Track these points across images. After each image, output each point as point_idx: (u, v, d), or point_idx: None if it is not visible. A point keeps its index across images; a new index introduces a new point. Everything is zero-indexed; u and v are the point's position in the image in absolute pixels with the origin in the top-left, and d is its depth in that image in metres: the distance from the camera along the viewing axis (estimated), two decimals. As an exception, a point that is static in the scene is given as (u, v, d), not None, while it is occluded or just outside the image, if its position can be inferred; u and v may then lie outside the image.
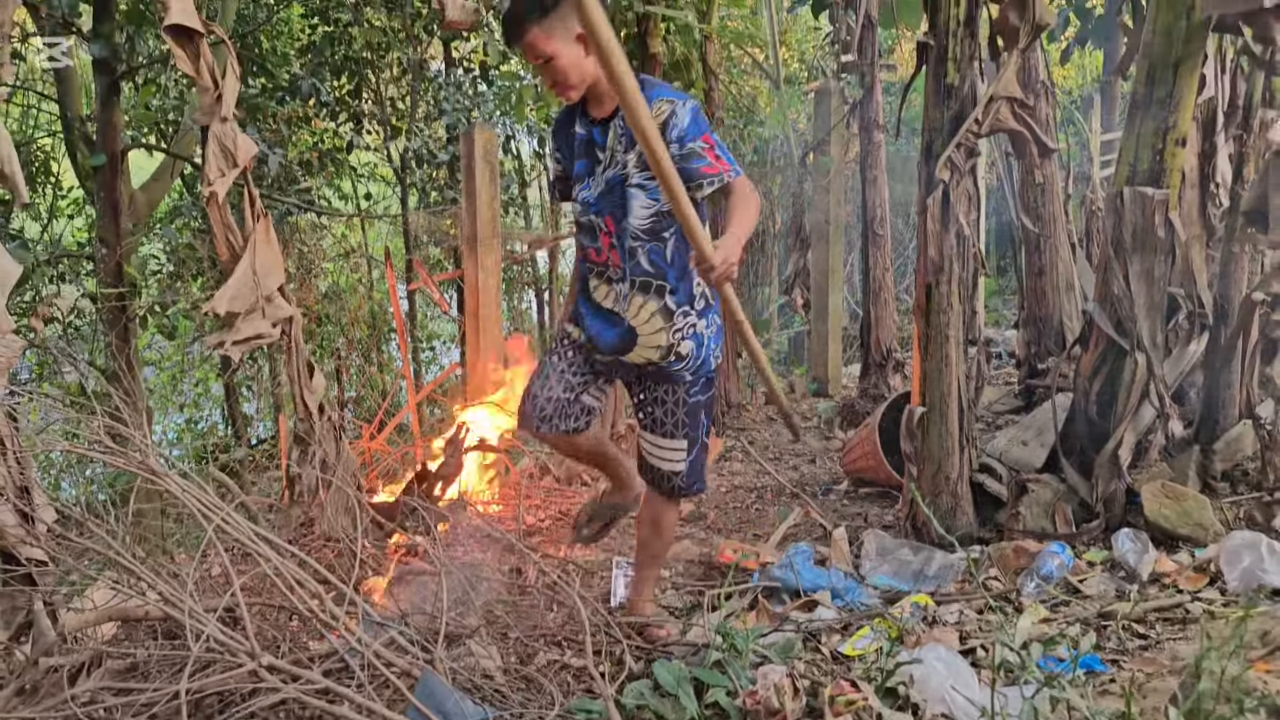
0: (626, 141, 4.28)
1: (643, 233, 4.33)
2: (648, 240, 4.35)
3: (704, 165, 4.21)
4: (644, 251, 4.36)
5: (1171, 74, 5.44)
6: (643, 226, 4.33)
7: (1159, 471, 5.64)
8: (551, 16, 4.13)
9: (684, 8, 9.26)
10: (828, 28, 12.21)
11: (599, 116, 4.39)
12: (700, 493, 4.89)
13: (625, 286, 4.42)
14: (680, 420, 4.62)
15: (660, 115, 4.17)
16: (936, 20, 5.67)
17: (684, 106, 4.23)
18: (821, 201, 11.27)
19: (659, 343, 4.46)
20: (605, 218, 4.37)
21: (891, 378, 10.09)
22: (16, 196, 3.68)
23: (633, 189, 4.29)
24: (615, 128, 4.32)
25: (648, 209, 4.32)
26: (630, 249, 4.35)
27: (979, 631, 4.46)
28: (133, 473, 4.15)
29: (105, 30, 8.53)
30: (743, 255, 4.17)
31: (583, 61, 4.21)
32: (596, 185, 4.39)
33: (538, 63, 4.21)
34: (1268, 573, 4.47)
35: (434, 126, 12.27)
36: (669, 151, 3.95)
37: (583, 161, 4.43)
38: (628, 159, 4.29)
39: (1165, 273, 5.49)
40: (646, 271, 4.39)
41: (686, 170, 4.14)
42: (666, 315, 4.43)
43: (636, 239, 4.34)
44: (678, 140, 4.17)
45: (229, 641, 3.48)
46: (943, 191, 5.66)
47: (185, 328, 11.21)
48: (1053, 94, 8.64)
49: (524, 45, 4.19)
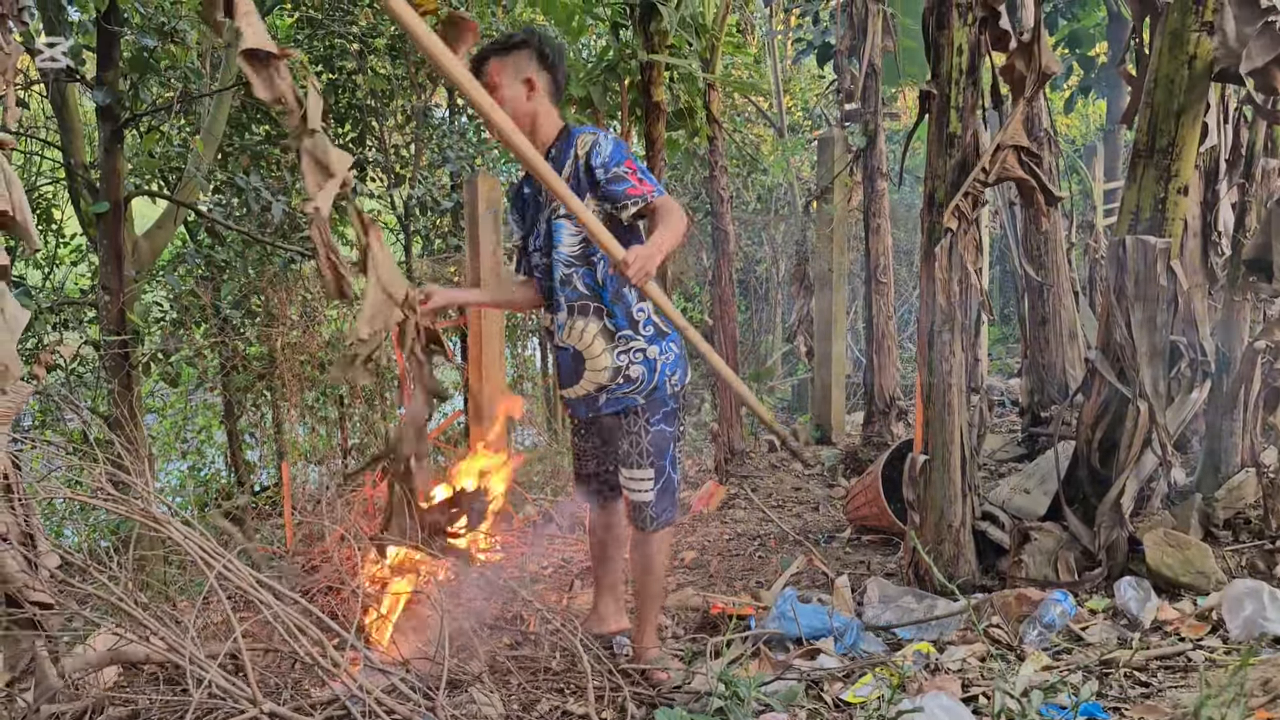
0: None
1: (574, 258, 4.66)
2: (579, 265, 4.66)
3: (628, 187, 4.51)
4: (577, 276, 4.67)
5: (1174, 123, 5.46)
6: (573, 253, 4.65)
7: (1161, 520, 5.63)
8: (509, 55, 4.63)
9: (688, 56, 9.31)
10: (831, 76, 12.26)
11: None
12: (670, 523, 5.00)
13: (564, 314, 4.71)
14: (645, 449, 4.79)
15: (584, 146, 4.59)
16: (939, 70, 5.70)
17: (605, 137, 4.61)
18: (825, 249, 11.29)
19: (605, 364, 4.70)
20: (545, 257, 4.75)
21: (894, 425, 10.08)
22: (28, 244, 3.70)
23: (560, 220, 4.65)
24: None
25: (575, 236, 4.64)
26: (565, 276, 4.67)
27: (981, 679, 4.44)
28: (134, 520, 4.15)
29: (109, 77, 8.58)
30: (663, 263, 4.46)
31: (522, 101, 4.64)
32: (539, 232, 4.79)
33: (489, 92, 4.44)
34: (1270, 621, 4.46)
35: (438, 174, 12.31)
36: (597, 177, 4.50)
37: (531, 212, 4.87)
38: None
39: (1167, 321, 5.49)
40: (581, 294, 4.67)
41: (612, 193, 4.53)
42: (608, 337, 4.68)
43: (569, 265, 4.66)
44: (601, 166, 4.54)
45: (231, 688, 3.47)
46: (949, 240, 5.67)
47: (188, 375, 11.20)
48: (1056, 143, 8.66)
49: (481, 72, 4.58)
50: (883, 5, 9.52)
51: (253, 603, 4.15)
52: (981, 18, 5.60)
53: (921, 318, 5.90)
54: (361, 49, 11.21)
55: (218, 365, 11.27)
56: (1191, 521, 5.59)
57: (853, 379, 14.41)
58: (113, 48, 8.58)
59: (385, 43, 11.29)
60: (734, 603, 5.89)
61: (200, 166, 9.84)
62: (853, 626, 5.22)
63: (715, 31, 9.72)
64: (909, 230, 17.07)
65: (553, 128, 4.74)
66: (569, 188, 4.45)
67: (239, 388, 11.28)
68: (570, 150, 4.62)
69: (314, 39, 11.28)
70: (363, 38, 11.18)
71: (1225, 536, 5.61)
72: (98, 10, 8.14)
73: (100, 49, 8.59)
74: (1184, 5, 5.40)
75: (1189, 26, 5.38)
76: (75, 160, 9.49)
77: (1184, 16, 5.41)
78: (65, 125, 9.56)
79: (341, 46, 11.20)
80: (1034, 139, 8.28)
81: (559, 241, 4.65)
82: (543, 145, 4.66)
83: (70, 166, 9.57)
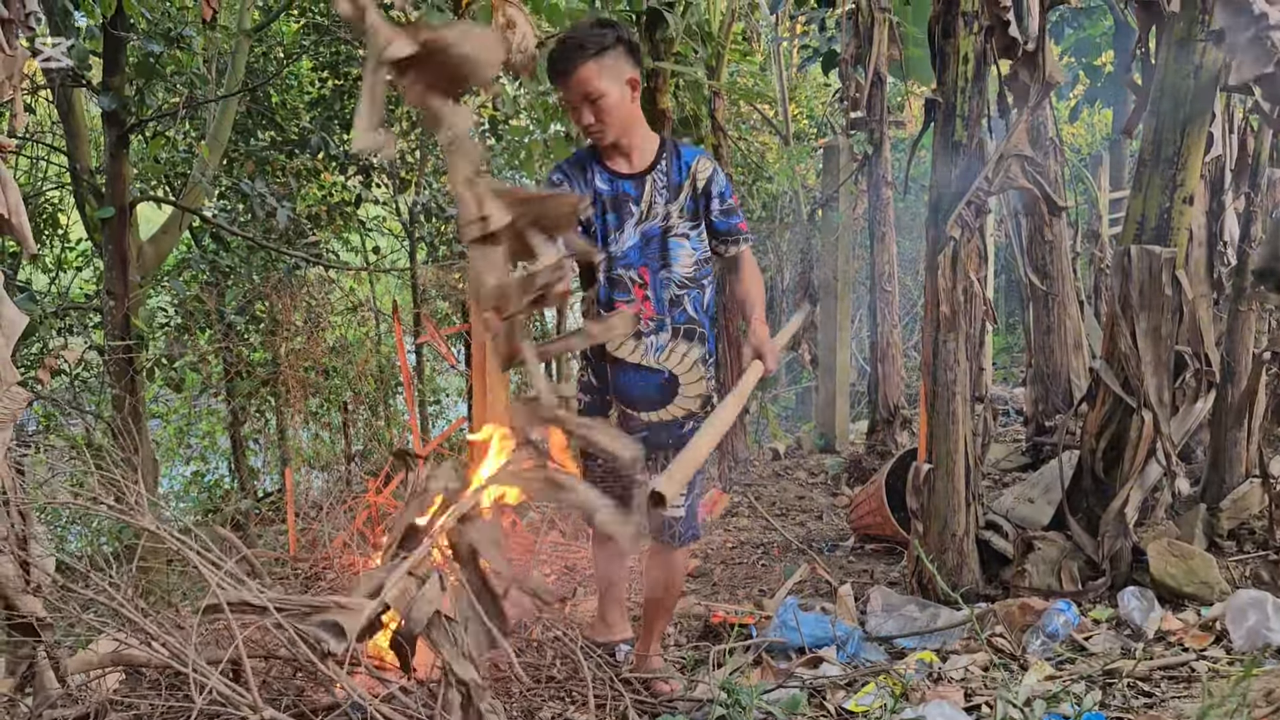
0: (668, 194, 4.42)
1: (688, 280, 4.47)
2: (690, 287, 4.48)
3: (739, 221, 4.50)
4: (688, 299, 4.49)
5: (1179, 132, 5.45)
6: (688, 274, 4.46)
7: (1165, 529, 5.63)
8: (607, 55, 4.22)
9: (693, 64, 9.31)
10: (837, 85, 12.24)
11: (628, 171, 4.46)
12: (695, 539, 4.93)
13: (665, 336, 4.49)
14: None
15: (704, 172, 4.44)
16: (945, 78, 5.70)
17: (715, 165, 4.47)
18: (829, 257, 11.28)
19: (699, 390, 4.57)
20: (639, 269, 4.46)
21: (899, 434, 10.06)
22: (24, 247, 3.69)
23: (677, 239, 4.44)
24: (653, 180, 4.43)
25: (692, 257, 4.47)
26: (675, 297, 4.47)
27: (984, 688, 4.44)
28: (133, 527, 4.14)
29: (115, 83, 8.58)
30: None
31: (627, 105, 4.33)
32: (627, 238, 4.46)
33: (579, 100, 4.27)
34: (1273, 631, 4.45)
35: (443, 180, 12.30)
36: (713, 207, 4.41)
37: (611, 215, 4.47)
38: (670, 210, 4.42)
39: (1172, 331, 5.48)
40: (690, 318, 4.51)
41: (729, 225, 4.47)
42: (705, 363, 4.56)
43: (683, 286, 4.47)
44: (719, 196, 4.45)
45: (232, 695, 3.46)
46: (953, 248, 5.67)
47: (192, 380, 11.21)
48: (1061, 151, 8.66)
49: (573, 80, 4.24)
50: (889, 14, 9.51)
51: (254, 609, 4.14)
52: (987, 26, 5.60)
53: (925, 326, 5.90)
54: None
55: (222, 371, 11.29)
56: (1195, 532, 5.59)
57: (857, 387, 14.39)
58: (119, 53, 8.59)
59: (392, 49, 11.29)
60: (736, 611, 5.88)
61: (205, 172, 9.85)
62: (855, 635, 5.21)
63: (721, 39, 9.73)
64: (914, 239, 17.05)
65: (650, 137, 4.51)
66: (687, 207, 4.43)
67: (243, 393, 11.29)
68: (682, 169, 4.44)
69: (320, 45, 11.29)
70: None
71: (1229, 547, 5.61)
72: (104, 16, 8.14)
73: (106, 54, 8.60)
74: (1190, 15, 5.40)
75: (1195, 36, 5.37)
76: (81, 165, 9.49)
77: (1190, 26, 5.40)
78: (71, 130, 9.57)
79: (348, 52, 11.21)
80: (1040, 148, 8.28)
81: (675, 260, 4.45)
82: (644, 156, 4.46)
83: (76, 171, 9.57)
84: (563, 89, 4.33)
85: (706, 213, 4.47)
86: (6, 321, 3.60)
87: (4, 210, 3.50)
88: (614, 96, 4.26)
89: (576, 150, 4.66)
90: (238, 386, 11.19)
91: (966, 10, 5.59)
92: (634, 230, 4.45)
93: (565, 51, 4.25)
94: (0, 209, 3.49)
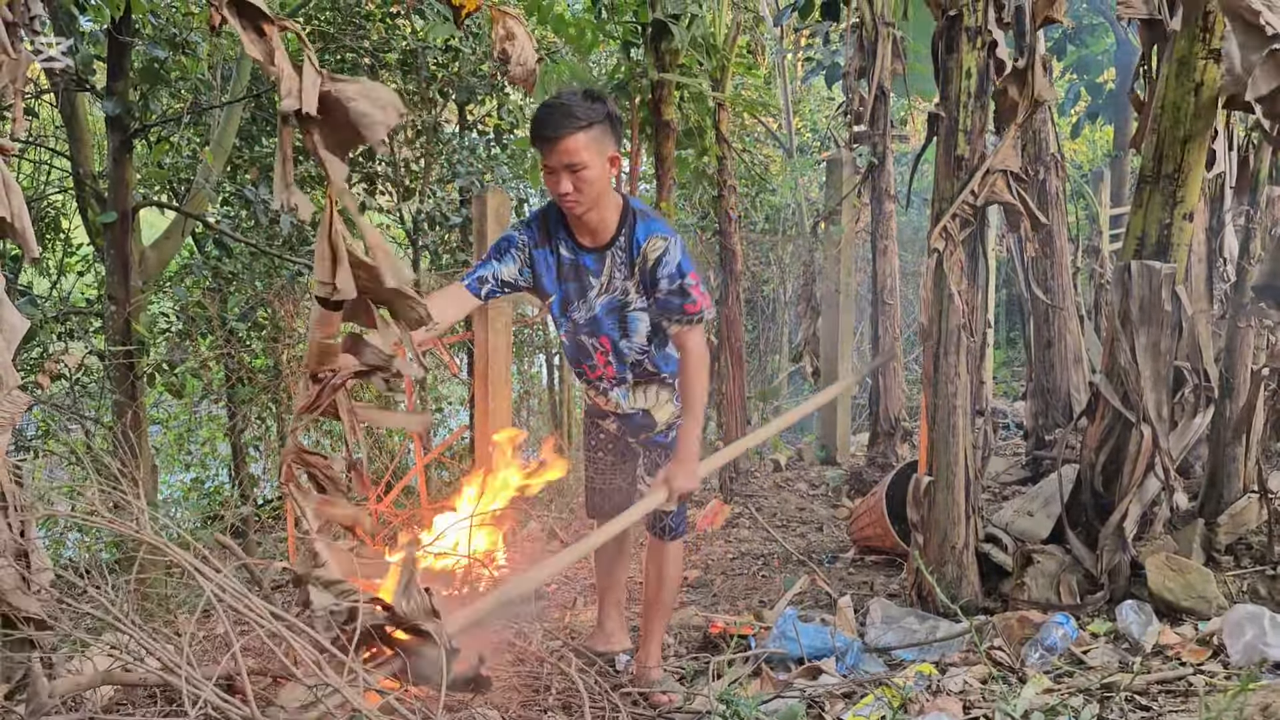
0: (625, 270, 4.50)
1: (645, 346, 4.66)
2: (647, 349, 4.68)
3: (687, 303, 4.49)
4: (648, 360, 4.70)
5: (1180, 149, 5.47)
6: (642, 344, 4.65)
7: (1163, 544, 5.64)
8: (595, 129, 4.29)
9: (698, 76, 9.33)
10: (840, 98, 12.25)
11: (590, 245, 4.56)
12: (685, 534, 5.12)
13: (625, 389, 4.76)
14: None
15: (655, 252, 4.44)
16: (947, 93, 5.72)
17: (675, 244, 4.48)
18: (832, 270, 11.29)
19: (670, 410, 4.83)
20: (600, 338, 4.65)
21: (899, 447, 10.06)
22: (26, 250, 3.69)
23: (635, 313, 4.58)
24: (613, 256, 4.52)
25: (647, 326, 4.62)
26: (636, 361, 4.69)
27: (982, 700, 4.44)
28: (130, 537, 4.14)
29: (119, 87, 8.58)
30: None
31: (605, 181, 4.39)
32: (587, 309, 4.61)
33: (560, 168, 4.29)
34: (1270, 646, 4.46)
35: (447, 189, 12.30)
36: (660, 286, 4.45)
37: (571, 284, 4.62)
38: (628, 285, 4.53)
39: (1171, 346, 5.50)
40: (649, 372, 4.74)
41: (670, 304, 4.49)
42: (667, 387, 4.80)
43: (642, 352, 4.67)
44: (667, 277, 4.45)
45: (226, 706, 3.46)
46: (937, 259, 5.70)
47: (193, 386, 11.20)
48: (1063, 167, 8.66)
49: (559, 147, 4.26)
50: (892, 28, 9.53)
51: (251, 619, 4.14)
52: (991, 42, 5.62)
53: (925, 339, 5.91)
54: (373, 63, 11.22)
55: (223, 377, 11.27)
56: (1193, 546, 5.59)
57: (858, 400, 14.38)
58: (124, 58, 8.58)
59: (397, 57, 11.30)
60: (735, 622, 5.88)
61: (209, 178, 9.84)
62: (854, 647, 5.22)
63: (726, 52, 9.74)
64: (916, 252, 17.04)
65: (614, 209, 4.54)
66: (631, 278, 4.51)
67: (244, 400, 11.27)
68: (635, 249, 4.47)
69: (326, 53, 11.29)
70: (374, 52, 11.19)
71: (1227, 561, 5.62)
72: (110, 20, 8.15)
73: (111, 59, 8.60)
74: (1191, 33, 5.42)
75: (1196, 54, 5.39)
76: (84, 170, 9.48)
77: (1191, 44, 5.42)
78: (74, 134, 9.55)
79: (353, 60, 11.21)
80: (1042, 163, 8.30)
81: (634, 332, 4.62)
82: (608, 227, 4.51)
83: (79, 176, 9.56)
84: (545, 154, 4.34)
85: (653, 289, 4.48)
86: (7, 325, 3.60)
87: (6, 213, 3.50)
88: (595, 170, 4.31)
89: (549, 205, 4.68)
90: (238, 393, 11.17)
91: (969, 25, 5.61)
92: (595, 301, 4.59)
93: (554, 117, 4.28)
94: (3, 212, 3.49)
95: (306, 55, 4.09)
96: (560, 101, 4.34)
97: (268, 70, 3.98)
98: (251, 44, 3.96)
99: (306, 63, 4.00)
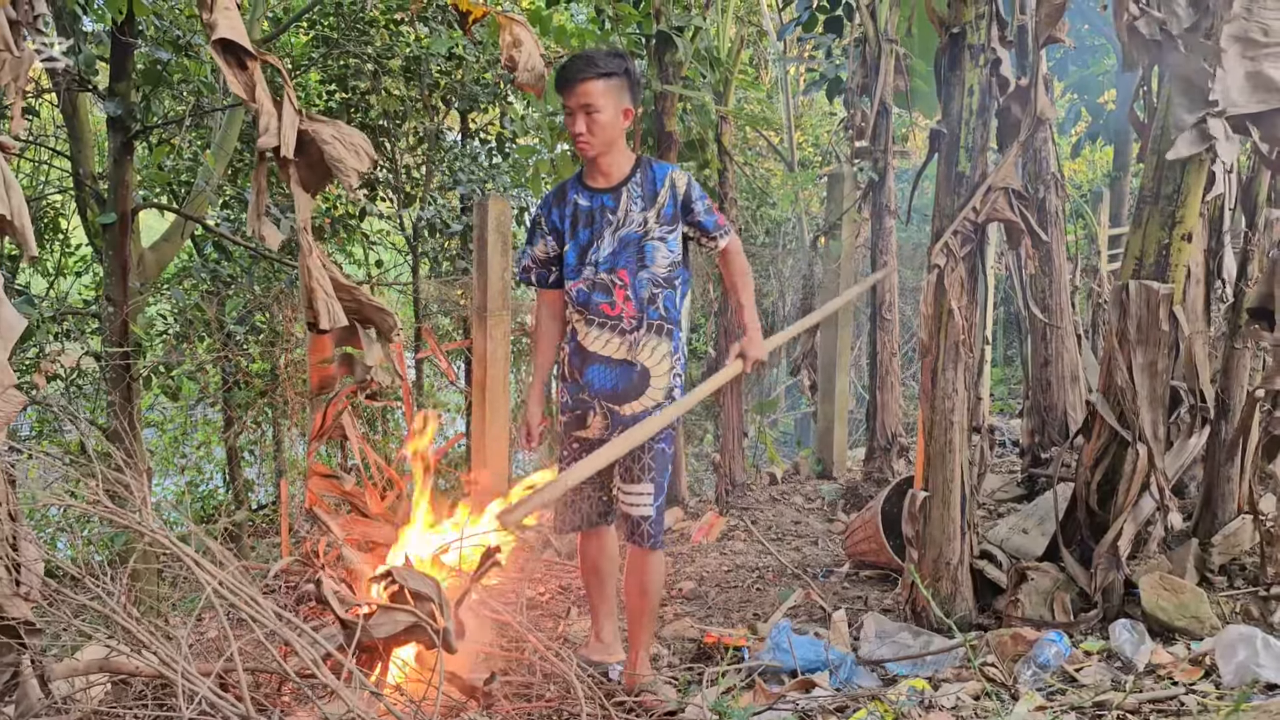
0: (643, 202, 4.81)
1: (663, 280, 4.83)
2: (665, 287, 4.85)
3: (719, 218, 4.89)
4: (662, 297, 4.85)
5: (1179, 170, 5.48)
6: (662, 274, 4.83)
7: (1158, 563, 5.64)
8: (613, 79, 4.70)
9: (701, 89, 9.35)
10: (842, 113, 12.26)
11: (605, 186, 4.89)
12: (662, 545, 5.16)
13: (641, 332, 4.86)
14: (647, 465, 4.94)
15: (682, 182, 4.84)
16: (949, 109, 5.74)
17: (689, 175, 4.89)
18: (831, 284, 11.28)
19: (665, 384, 4.92)
20: (619, 271, 4.83)
21: (896, 462, 10.07)
22: (25, 249, 3.69)
23: (654, 242, 4.81)
24: (628, 191, 4.84)
25: (667, 259, 4.84)
26: (651, 295, 4.83)
27: (975, 717, 4.44)
28: (130, 534, 4.15)
29: (121, 89, 8.57)
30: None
31: (616, 127, 4.77)
32: (606, 245, 4.85)
33: (577, 108, 4.69)
34: (1262, 667, 4.45)
35: (448, 196, 12.30)
36: (696, 209, 4.84)
37: (585, 230, 4.88)
38: (647, 216, 4.80)
39: (1168, 366, 5.50)
40: (663, 315, 4.87)
41: (709, 223, 4.88)
42: (671, 357, 4.92)
43: (658, 285, 4.84)
44: (699, 199, 4.85)
45: (221, 704, 3.46)
46: (937, 275, 5.71)
47: (189, 389, 11.19)
48: (1062, 187, 8.67)
49: (577, 89, 4.68)
50: (895, 45, 9.55)
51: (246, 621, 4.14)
52: (994, 60, 5.63)
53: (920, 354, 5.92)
54: (376, 69, 11.22)
55: (219, 381, 11.27)
56: (1187, 566, 5.60)
57: (855, 414, 14.39)
58: (126, 59, 8.58)
59: (400, 64, 11.30)
60: (728, 634, 5.89)
61: (210, 181, 9.85)
62: (848, 660, 5.22)
63: (729, 65, 9.77)
64: (915, 268, 17.05)
65: (628, 156, 4.94)
66: (665, 213, 4.80)
67: (240, 404, 11.27)
68: (657, 182, 4.83)
69: (329, 58, 11.30)
70: (377, 58, 11.19)
71: (1220, 582, 5.62)
72: (114, 20, 8.15)
73: (114, 60, 8.59)
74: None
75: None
76: (84, 170, 9.47)
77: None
78: (75, 135, 9.55)
79: (356, 66, 11.21)
80: (1041, 181, 8.31)
81: (652, 261, 4.82)
82: (621, 170, 4.89)
83: (79, 176, 9.56)
84: (565, 96, 4.72)
85: (692, 214, 4.84)
86: (4, 324, 3.60)
87: (6, 211, 3.51)
88: (607, 115, 4.69)
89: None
90: (235, 397, 11.17)
91: (973, 43, 5.62)
92: (612, 237, 4.84)
93: (577, 64, 4.69)
94: (3, 210, 3.50)
95: (286, 93, 4.13)
96: (586, 52, 4.80)
97: (248, 105, 4.02)
98: (234, 79, 4.01)
99: (286, 102, 4.03)
